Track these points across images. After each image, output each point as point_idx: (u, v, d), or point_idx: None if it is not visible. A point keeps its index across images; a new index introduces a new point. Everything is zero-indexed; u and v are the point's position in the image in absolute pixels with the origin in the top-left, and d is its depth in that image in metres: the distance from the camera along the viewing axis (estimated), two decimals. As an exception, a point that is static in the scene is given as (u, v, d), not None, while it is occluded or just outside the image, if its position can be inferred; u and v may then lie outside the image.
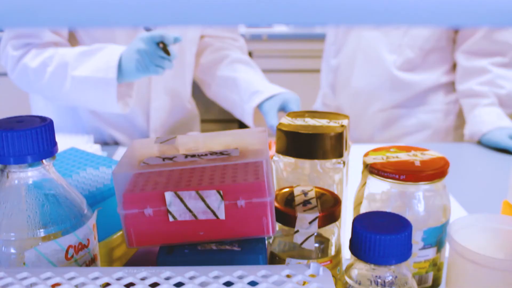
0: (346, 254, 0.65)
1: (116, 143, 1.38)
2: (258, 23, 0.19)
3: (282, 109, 1.27)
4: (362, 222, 0.50)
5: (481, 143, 1.33)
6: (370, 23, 0.19)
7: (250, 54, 2.09)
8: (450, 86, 1.46)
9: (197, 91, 1.57)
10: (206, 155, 0.50)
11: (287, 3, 0.19)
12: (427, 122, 1.46)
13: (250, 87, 1.34)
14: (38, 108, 1.39)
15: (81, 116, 1.34)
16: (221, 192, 0.47)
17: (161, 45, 1.08)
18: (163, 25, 0.20)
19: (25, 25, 0.20)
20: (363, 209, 0.62)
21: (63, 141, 1.01)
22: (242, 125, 3.36)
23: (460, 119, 1.48)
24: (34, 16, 0.20)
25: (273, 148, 1.02)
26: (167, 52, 1.08)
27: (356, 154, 0.84)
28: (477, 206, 0.95)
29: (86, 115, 1.33)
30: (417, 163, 0.60)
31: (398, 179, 0.58)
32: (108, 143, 1.38)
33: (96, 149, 1.04)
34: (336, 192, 0.63)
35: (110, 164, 0.63)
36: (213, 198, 0.47)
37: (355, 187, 0.66)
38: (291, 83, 2.57)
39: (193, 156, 0.50)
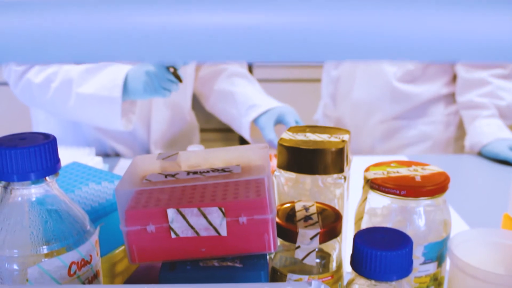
0: (347, 267, 0.65)
1: (117, 155, 1.39)
2: (261, 59, 0.20)
3: (279, 122, 1.28)
4: (363, 238, 0.50)
5: (481, 154, 1.34)
6: (371, 59, 0.20)
7: (250, 64, 2.10)
8: (450, 98, 1.46)
9: (197, 101, 1.58)
10: (208, 172, 0.50)
11: (293, 42, 0.19)
12: (428, 133, 1.47)
13: (247, 101, 1.35)
14: (39, 119, 1.40)
15: (83, 128, 1.34)
16: (223, 209, 0.47)
17: (171, 70, 1.09)
18: (170, 60, 0.20)
19: (29, 61, 0.21)
20: (364, 224, 0.63)
21: (65, 154, 1.02)
22: (242, 142, 3.37)
23: (461, 130, 1.48)
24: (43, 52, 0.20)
25: (274, 161, 1.03)
26: (177, 77, 1.09)
27: (356, 166, 0.84)
28: (478, 218, 0.96)
29: (88, 127, 1.34)
30: (418, 178, 0.60)
31: (399, 195, 0.58)
32: (109, 154, 1.38)
33: (97, 161, 1.05)
34: (337, 207, 0.63)
35: (112, 179, 0.64)
36: (215, 215, 0.47)
37: (356, 201, 0.66)
38: (292, 93, 2.57)
39: (195, 173, 0.50)
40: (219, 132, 3.38)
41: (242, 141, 3.31)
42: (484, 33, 0.20)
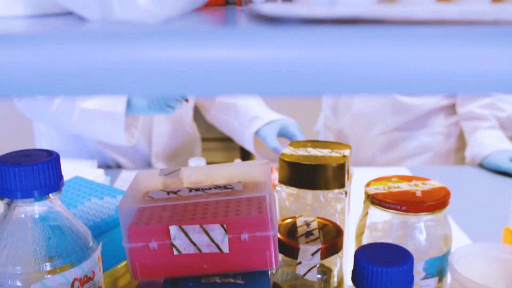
0: (348, 282, 0.65)
1: (119, 166, 1.39)
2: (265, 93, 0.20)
3: (282, 134, 1.28)
4: (364, 254, 0.51)
5: (482, 165, 1.34)
6: (372, 92, 0.20)
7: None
8: (451, 109, 1.47)
9: (198, 111, 1.59)
10: (210, 188, 0.50)
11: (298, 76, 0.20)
12: (428, 144, 1.47)
13: (249, 112, 1.36)
14: (42, 132, 1.41)
15: (84, 140, 1.35)
16: (225, 226, 0.47)
17: None
18: (172, 94, 0.21)
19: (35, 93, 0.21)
20: (365, 239, 0.63)
21: (67, 166, 1.02)
22: (243, 152, 3.37)
23: (461, 142, 1.49)
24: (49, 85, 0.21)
25: (275, 174, 1.03)
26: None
27: (357, 178, 0.85)
28: (478, 230, 0.96)
29: (89, 139, 1.34)
30: (418, 194, 0.60)
31: (400, 210, 0.59)
32: (111, 166, 1.39)
33: (99, 173, 1.05)
34: (338, 221, 0.63)
35: (115, 194, 0.64)
36: (217, 232, 0.47)
37: (357, 215, 0.66)
38: (293, 104, 2.58)
39: (197, 190, 0.50)
40: (220, 141, 3.38)
41: (243, 151, 3.32)
42: (479, 67, 0.20)
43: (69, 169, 1.00)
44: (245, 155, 3.33)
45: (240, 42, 0.20)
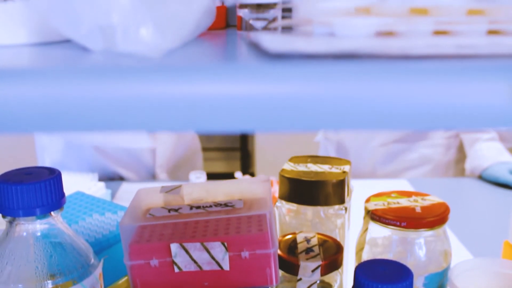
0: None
1: (121, 179, 1.39)
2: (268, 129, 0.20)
3: None
4: (364, 271, 0.51)
5: (482, 177, 1.34)
6: (374, 128, 0.21)
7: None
8: (451, 121, 1.47)
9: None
10: (210, 206, 0.51)
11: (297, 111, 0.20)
12: (428, 156, 1.47)
13: None
14: (43, 144, 1.41)
15: (85, 153, 1.35)
16: (226, 243, 0.48)
17: None
18: (172, 130, 0.21)
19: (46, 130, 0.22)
20: (365, 254, 0.63)
21: (68, 180, 1.03)
22: (243, 155, 3.38)
23: (461, 153, 1.49)
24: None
25: (275, 186, 1.03)
26: None
27: (358, 190, 0.85)
28: (478, 243, 0.96)
29: (91, 151, 1.35)
30: (418, 210, 0.61)
31: (399, 226, 0.59)
32: (112, 178, 1.39)
33: (100, 187, 1.06)
34: (338, 236, 0.64)
35: (116, 209, 0.64)
36: (218, 249, 0.48)
37: (357, 230, 0.67)
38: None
39: (198, 207, 0.51)
40: (221, 151, 3.39)
41: (244, 161, 3.32)
42: (474, 102, 0.21)
43: (70, 182, 1.00)
44: (246, 165, 3.34)
45: (239, 78, 0.20)
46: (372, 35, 0.23)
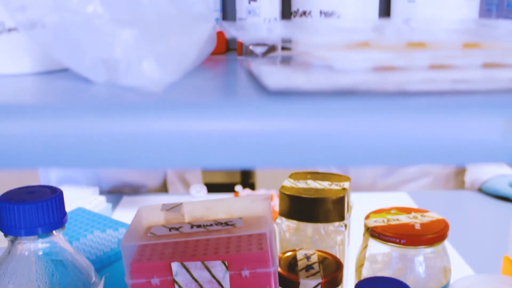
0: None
1: (129, 188, 1.40)
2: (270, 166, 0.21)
3: None
4: (364, 289, 0.51)
5: (481, 190, 1.34)
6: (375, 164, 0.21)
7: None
8: (450, 133, 1.48)
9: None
10: (211, 225, 0.51)
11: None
12: (428, 168, 1.48)
13: None
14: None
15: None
16: (226, 262, 0.48)
17: None
18: (186, 167, 0.22)
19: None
20: (365, 270, 0.64)
21: (69, 194, 1.03)
22: (244, 173, 3.38)
23: (461, 166, 1.50)
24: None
25: (275, 200, 1.03)
26: None
27: (358, 203, 0.85)
28: (477, 257, 0.96)
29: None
30: (417, 226, 0.61)
31: (399, 243, 0.59)
32: (120, 188, 1.40)
33: (101, 200, 1.06)
34: (338, 253, 0.64)
35: (117, 226, 0.65)
36: (218, 268, 0.48)
37: (357, 245, 0.67)
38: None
39: (198, 226, 0.51)
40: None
41: (244, 173, 3.32)
42: (468, 137, 0.21)
43: (70, 196, 1.00)
44: (246, 176, 3.34)
45: (240, 115, 0.21)
46: (370, 69, 0.24)
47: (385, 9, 0.60)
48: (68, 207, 0.88)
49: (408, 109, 0.21)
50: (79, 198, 1.02)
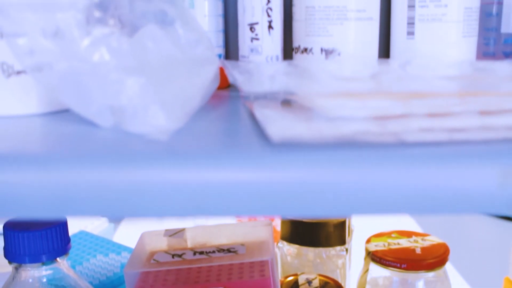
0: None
1: None
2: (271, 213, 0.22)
3: None
4: (365, 315, 0.52)
5: (482, 208, 1.35)
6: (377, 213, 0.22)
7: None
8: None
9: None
10: (213, 252, 0.52)
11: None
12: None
13: None
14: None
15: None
16: (228, 289, 0.48)
17: None
18: (193, 216, 0.22)
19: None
20: (366, 294, 0.64)
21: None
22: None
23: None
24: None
25: (276, 220, 1.04)
26: None
27: (359, 224, 0.86)
28: (478, 276, 0.97)
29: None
30: (418, 251, 0.62)
31: (400, 268, 0.60)
32: None
33: (103, 221, 1.07)
34: (339, 276, 0.64)
35: (120, 250, 0.65)
36: (221, 295, 0.48)
37: (358, 268, 0.67)
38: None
39: (201, 253, 0.52)
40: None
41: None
42: (465, 188, 0.22)
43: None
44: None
45: (243, 166, 0.22)
46: (369, 118, 0.25)
47: (384, 45, 0.61)
48: (71, 227, 0.89)
49: (406, 160, 0.22)
50: (80, 219, 1.02)
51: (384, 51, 0.60)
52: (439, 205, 0.22)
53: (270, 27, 0.47)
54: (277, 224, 0.96)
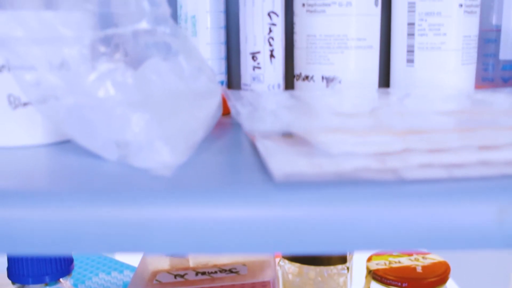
0: None
1: None
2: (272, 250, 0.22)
3: None
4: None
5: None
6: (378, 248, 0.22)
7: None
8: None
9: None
10: (215, 272, 0.52)
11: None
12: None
13: None
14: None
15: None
16: (230, 310, 0.49)
17: None
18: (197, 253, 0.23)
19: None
20: (368, 313, 0.64)
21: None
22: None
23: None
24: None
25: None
26: None
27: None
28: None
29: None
30: (419, 269, 0.62)
31: (401, 287, 0.60)
32: None
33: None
34: (340, 295, 0.64)
35: (122, 268, 0.65)
36: (223, 316, 0.49)
37: (359, 286, 0.68)
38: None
39: (203, 273, 0.52)
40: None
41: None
42: (462, 224, 0.22)
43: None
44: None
45: (244, 203, 0.22)
46: (369, 154, 0.25)
47: (385, 73, 0.61)
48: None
49: (404, 198, 0.22)
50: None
51: (384, 78, 0.61)
52: (438, 242, 0.22)
53: (272, 56, 0.48)
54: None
